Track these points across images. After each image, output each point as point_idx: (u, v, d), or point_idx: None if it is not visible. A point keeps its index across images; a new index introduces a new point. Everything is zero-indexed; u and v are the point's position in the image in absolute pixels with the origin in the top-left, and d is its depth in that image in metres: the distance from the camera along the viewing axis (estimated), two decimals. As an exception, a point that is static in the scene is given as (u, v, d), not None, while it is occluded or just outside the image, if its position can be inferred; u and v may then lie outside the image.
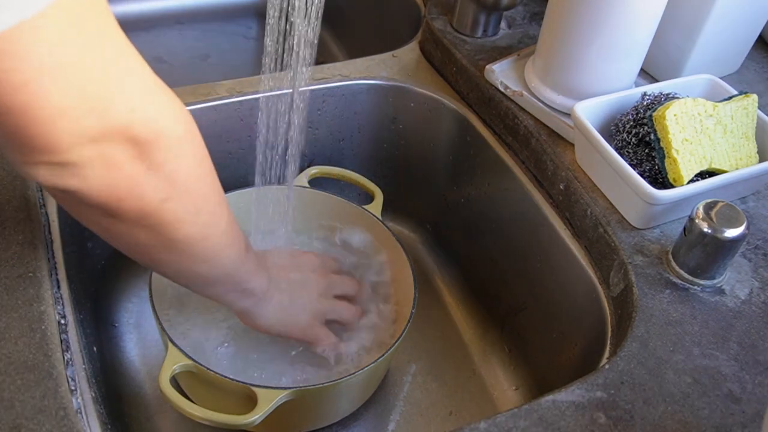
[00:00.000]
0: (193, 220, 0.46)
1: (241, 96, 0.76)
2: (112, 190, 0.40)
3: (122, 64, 0.38)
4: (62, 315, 0.54)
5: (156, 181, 0.42)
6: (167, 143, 0.41)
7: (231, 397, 0.61)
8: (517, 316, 0.77)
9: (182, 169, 0.43)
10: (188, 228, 0.46)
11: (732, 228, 0.56)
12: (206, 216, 0.48)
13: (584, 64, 0.67)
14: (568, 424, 0.49)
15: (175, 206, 0.44)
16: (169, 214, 0.44)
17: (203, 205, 0.47)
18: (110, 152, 0.38)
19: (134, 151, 0.39)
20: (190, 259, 0.49)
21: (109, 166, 0.39)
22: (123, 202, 0.41)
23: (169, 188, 0.43)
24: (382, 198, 0.79)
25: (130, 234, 0.45)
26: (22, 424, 0.45)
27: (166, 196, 0.43)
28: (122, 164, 0.39)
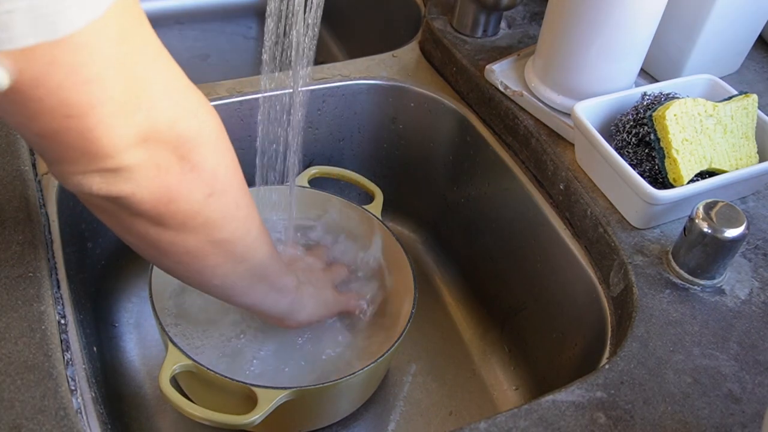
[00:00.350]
0: (234, 215, 0.47)
1: (241, 96, 0.76)
2: (164, 191, 0.41)
3: (162, 63, 0.39)
4: (62, 315, 0.54)
5: (200, 178, 0.42)
6: (207, 139, 0.42)
7: (231, 397, 0.61)
8: (517, 316, 0.77)
9: (221, 164, 0.44)
10: (232, 224, 0.47)
11: (732, 228, 0.56)
12: (245, 210, 0.48)
13: (584, 64, 0.67)
14: (568, 424, 0.49)
15: (219, 202, 0.45)
16: (215, 210, 0.45)
17: (241, 200, 0.48)
18: (159, 153, 0.39)
19: (180, 150, 0.40)
20: (233, 259, 0.50)
21: (160, 167, 0.40)
22: (172, 204, 0.42)
23: (213, 184, 0.44)
24: (382, 198, 0.79)
25: (178, 241, 0.45)
26: (22, 424, 0.45)
27: (210, 192, 0.44)
28: (171, 165, 0.40)
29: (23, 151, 0.63)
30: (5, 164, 0.61)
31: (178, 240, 0.45)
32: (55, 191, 0.63)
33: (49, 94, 0.34)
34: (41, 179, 0.64)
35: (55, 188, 0.64)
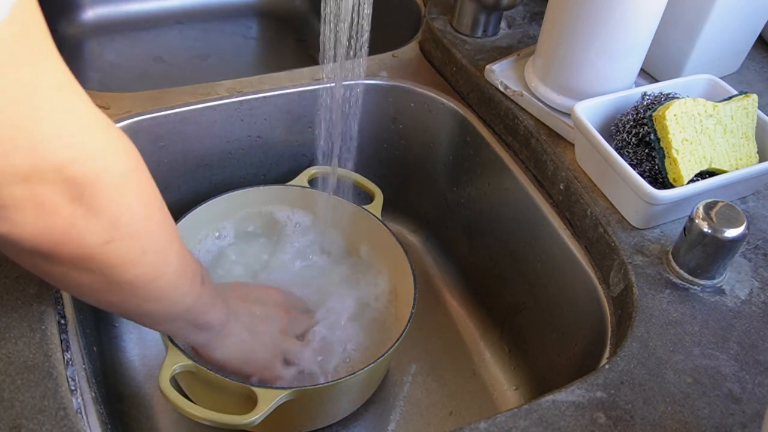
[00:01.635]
0: (139, 261, 0.43)
1: (241, 96, 0.76)
2: (47, 234, 0.37)
3: (58, 98, 0.35)
4: (62, 315, 0.54)
5: (97, 224, 0.39)
6: (108, 183, 0.38)
7: (231, 397, 0.61)
8: (517, 316, 0.77)
9: (126, 210, 0.40)
10: (135, 270, 0.43)
11: (732, 228, 0.56)
12: (154, 256, 0.44)
13: (584, 64, 0.67)
14: (568, 424, 0.49)
15: (119, 249, 0.41)
16: (113, 257, 0.41)
17: (151, 245, 0.44)
18: (44, 194, 0.35)
19: (71, 193, 0.36)
20: (138, 299, 0.46)
21: (43, 209, 0.36)
22: (60, 247, 0.38)
23: (112, 231, 0.40)
24: (382, 198, 0.79)
25: (71, 276, 0.41)
26: (22, 424, 0.45)
27: (109, 239, 0.40)
28: (58, 207, 0.36)
29: (23, 151, 0.63)
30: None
31: (71, 275, 0.41)
32: (55, 191, 0.63)
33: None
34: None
35: (55, 188, 0.64)
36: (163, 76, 1.09)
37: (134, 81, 1.05)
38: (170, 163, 0.76)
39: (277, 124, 0.79)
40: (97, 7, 1.16)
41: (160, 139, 0.74)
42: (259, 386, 0.58)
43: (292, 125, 0.80)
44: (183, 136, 0.75)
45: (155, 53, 1.13)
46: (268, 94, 0.77)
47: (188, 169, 0.78)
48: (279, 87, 0.77)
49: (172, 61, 1.12)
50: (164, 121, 0.73)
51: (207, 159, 0.78)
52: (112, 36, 1.13)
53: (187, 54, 1.14)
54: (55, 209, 0.36)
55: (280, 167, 0.83)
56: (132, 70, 1.07)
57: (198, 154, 0.77)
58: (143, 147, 0.73)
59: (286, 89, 0.78)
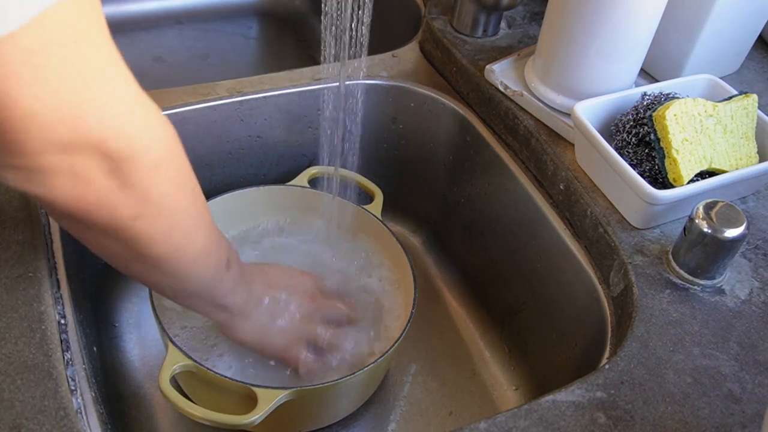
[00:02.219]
0: (165, 239, 0.45)
1: (241, 96, 0.76)
2: (80, 202, 0.39)
3: (106, 76, 0.37)
4: (62, 315, 0.54)
5: (128, 198, 0.41)
6: (143, 163, 0.40)
7: (231, 397, 0.61)
8: (517, 316, 0.77)
9: (157, 189, 0.42)
10: (160, 247, 0.45)
11: (732, 228, 0.56)
12: (180, 236, 0.47)
13: (584, 64, 0.67)
14: (568, 424, 0.49)
15: (147, 225, 0.43)
16: (140, 232, 0.43)
17: (177, 226, 0.46)
18: (80, 164, 0.37)
19: (107, 167, 0.38)
20: (161, 274, 0.49)
21: (78, 178, 0.38)
22: (91, 215, 0.41)
23: (141, 207, 0.42)
24: (382, 198, 0.79)
25: (101, 243, 0.44)
26: (22, 424, 0.45)
27: (137, 215, 0.42)
28: (92, 178, 0.38)
29: (23, 151, 0.63)
30: (5, 164, 0.61)
31: (101, 242, 0.44)
32: (55, 191, 0.63)
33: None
34: (41, 179, 0.64)
35: (55, 188, 0.64)
36: (163, 76, 1.09)
37: (134, 81, 1.05)
38: (170, 163, 0.76)
39: (277, 124, 0.79)
40: (97, 7, 1.16)
41: (160, 139, 0.74)
42: (259, 386, 0.58)
43: (292, 125, 0.80)
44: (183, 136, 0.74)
45: (155, 53, 1.13)
46: (268, 94, 0.77)
47: (188, 169, 0.78)
48: (279, 87, 0.77)
49: (172, 61, 1.12)
50: (164, 121, 0.73)
51: (207, 159, 0.78)
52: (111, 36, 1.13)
53: (187, 54, 1.14)
54: (90, 180, 0.38)
55: (280, 167, 0.83)
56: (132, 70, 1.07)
57: (198, 154, 0.77)
58: (143, 147, 0.73)
59: (286, 89, 0.78)
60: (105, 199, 0.40)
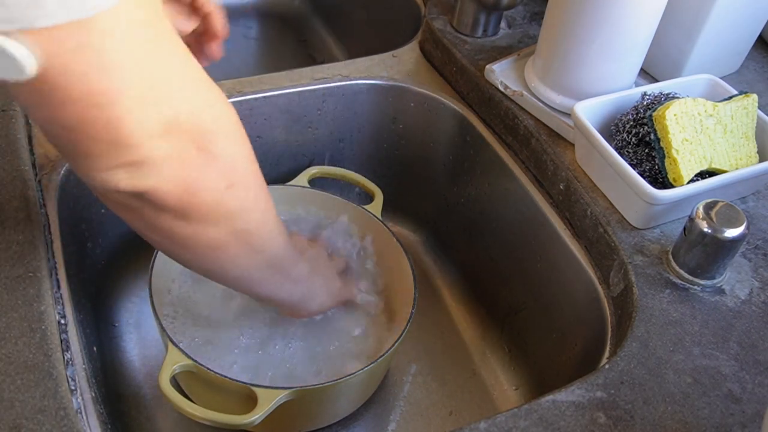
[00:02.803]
0: (252, 206, 0.48)
1: (241, 96, 0.76)
2: (187, 183, 0.41)
3: (179, 54, 0.39)
4: (62, 315, 0.54)
5: (220, 168, 0.43)
6: (225, 130, 0.43)
7: (231, 397, 0.61)
8: (517, 316, 0.77)
9: (239, 155, 0.45)
10: (251, 215, 0.48)
11: (732, 228, 0.56)
12: (263, 202, 0.49)
13: (584, 64, 0.67)
14: (568, 424, 0.49)
15: (238, 193, 0.45)
16: (234, 201, 0.45)
17: (259, 190, 0.48)
18: (181, 144, 0.40)
19: (199, 141, 0.41)
20: (252, 249, 0.50)
21: (182, 158, 0.40)
22: (195, 196, 0.42)
23: (232, 175, 0.44)
24: (382, 198, 0.79)
25: (200, 234, 0.45)
26: (22, 424, 0.45)
27: (230, 182, 0.44)
28: (191, 156, 0.40)
29: (23, 151, 0.63)
30: (5, 164, 0.61)
31: (200, 232, 0.45)
32: (55, 191, 0.63)
33: (76, 81, 0.34)
34: (41, 179, 0.64)
35: (55, 188, 0.64)
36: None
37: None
38: (170, 163, 0.76)
39: (277, 124, 0.79)
40: (97, 7, 1.16)
41: (160, 139, 0.74)
42: (259, 386, 0.58)
43: (292, 125, 0.80)
44: (183, 136, 0.75)
45: (155, 53, 1.13)
46: (268, 94, 0.77)
47: (188, 169, 0.78)
48: (279, 87, 0.77)
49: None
50: (164, 121, 0.73)
51: (207, 159, 0.78)
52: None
53: (187, 54, 1.14)
54: (191, 158, 0.41)
55: (280, 167, 0.83)
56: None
57: (198, 154, 0.77)
58: (143, 147, 0.73)
59: (286, 89, 0.78)
60: (204, 173, 0.42)
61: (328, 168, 0.81)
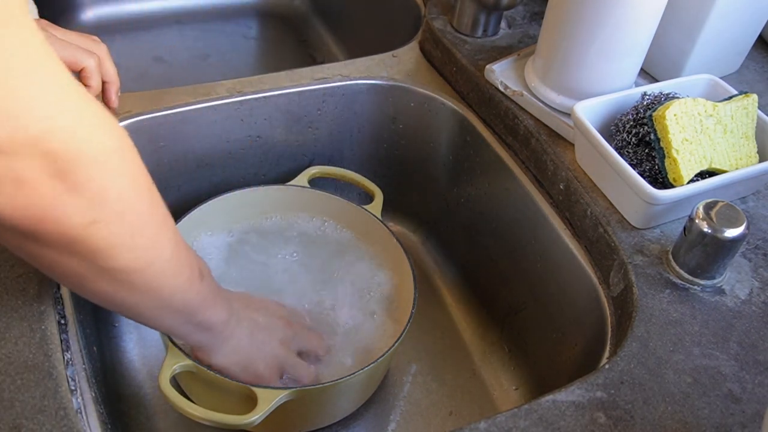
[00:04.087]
0: (128, 244, 0.41)
1: (241, 96, 0.76)
2: (28, 211, 0.36)
3: (38, 72, 0.34)
4: (62, 315, 0.54)
5: (79, 202, 0.37)
6: (91, 159, 0.37)
7: (231, 397, 0.61)
8: (517, 316, 0.77)
9: (111, 188, 0.39)
10: (124, 254, 0.41)
11: (732, 228, 0.56)
12: (144, 240, 0.42)
13: (584, 64, 0.67)
14: (568, 424, 0.49)
15: (105, 230, 0.39)
16: (99, 239, 0.39)
17: (140, 228, 0.42)
18: (22, 168, 0.34)
19: (52, 168, 0.35)
20: (129, 289, 0.44)
21: (22, 183, 0.35)
22: (42, 225, 0.37)
23: (96, 210, 0.38)
24: (382, 198, 0.79)
25: (59, 262, 0.40)
26: (22, 424, 0.45)
27: (93, 219, 0.38)
28: (37, 183, 0.35)
29: (23, 151, 0.63)
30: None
31: (59, 260, 0.40)
32: (55, 191, 0.63)
33: None
34: (41, 179, 0.64)
35: (55, 188, 0.64)
36: (163, 76, 1.09)
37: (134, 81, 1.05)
38: (170, 163, 0.76)
39: (277, 124, 0.79)
40: (97, 7, 1.16)
41: (160, 139, 0.74)
42: (259, 386, 0.58)
43: (292, 125, 0.80)
44: (183, 136, 0.75)
45: (155, 53, 1.13)
46: (268, 94, 0.77)
47: (188, 169, 0.78)
48: (279, 87, 0.78)
49: (172, 61, 1.12)
50: (164, 121, 0.73)
51: (207, 159, 0.78)
52: (112, 36, 1.13)
53: (187, 54, 1.14)
54: (35, 185, 0.35)
55: (280, 167, 0.83)
56: (132, 70, 1.07)
57: (198, 154, 0.77)
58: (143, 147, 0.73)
59: (286, 89, 0.78)
60: (54, 205, 0.36)
61: (328, 168, 0.81)
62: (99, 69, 0.64)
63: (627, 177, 0.61)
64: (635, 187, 0.60)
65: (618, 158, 0.61)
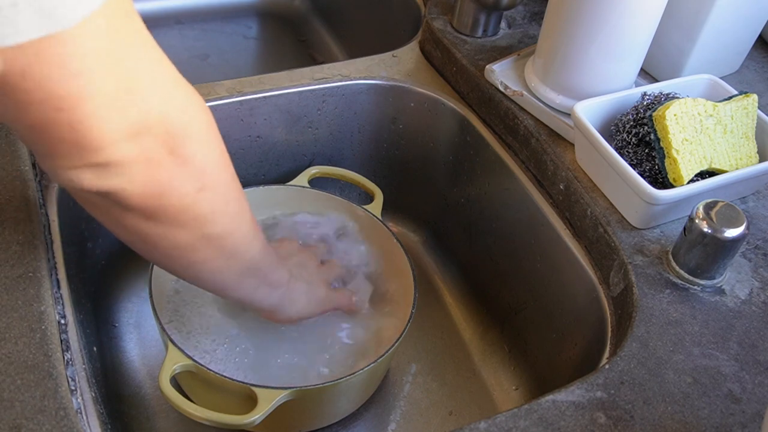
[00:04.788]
0: (224, 210, 0.47)
1: (241, 96, 0.76)
2: (155, 186, 0.41)
3: (152, 57, 0.39)
4: (62, 315, 0.54)
5: (190, 172, 0.42)
6: (197, 133, 0.42)
7: (231, 397, 0.61)
8: (517, 316, 0.77)
9: (210, 158, 0.44)
10: (221, 219, 0.47)
11: (732, 228, 0.56)
12: (235, 206, 0.49)
13: (584, 64, 0.67)
14: (568, 424, 0.49)
15: (209, 196, 0.45)
16: (205, 205, 0.45)
17: (231, 195, 0.48)
18: (150, 147, 0.39)
19: (169, 144, 0.40)
20: (223, 254, 0.50)
21: (150, 161, 0.40)
22: (163, 199, 0.42)
23: (202, 178, 0.44)
24: (382, 198, 0.79)
25: (169, 236, 0.45)
26: (22, 424, 0.45)
27: (201, 186, 0.44)
28: (161, 159, 0.40)
29: (23, 151, 0.63)
30: (5, 164, 0.61)
31: (169, 234, 0.45)
32: (55, 191, 0.63)
33: (37, 86, 0.34)
34: (41, 179, 0.64)
35: (55, 188, 0.64)
36: (163, 76, 1.09)
37: (134, 81, 1.05)
38: (170, 163, 0.76)
39: (277, 124, 0.79)
40: (97, 7, 1.16)
41: (160, 139, 0.74)
42: (259, 386, 0.58)
43: (292, 125, 0.80)
44: (183, 136, 0.75)
45: (155, 53, 1.13)
46: (268, 94, 0.77)
47: (188, 169, 0.78)
48: (279, 87, 0.78)
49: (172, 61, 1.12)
50: (164, 121, 0.73)
51: (207, 159, 0.78)
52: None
53: (187, 54, 1.14)
54: (160, 161, 0.40)
55: (280, 167, 0.83)
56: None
57: (198, 154, 0.77)
58: (143, 147, 0.73)
59: (286, 89, 0.78)
60: (173, 176, 0.41)
61: (328, 168, 0.81)
62: None
63: (627, 177, 0.61)
64: (635, 187, 0.60)
65: (618, 158, 0.61)
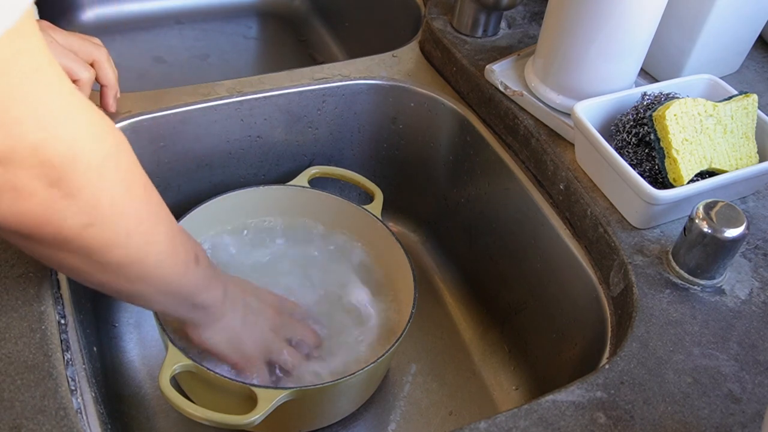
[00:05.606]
0: (123, 243, 0.43)
1: (241, 96, 0.76)
2: (25, 218, 0.37)
3: (36, 81, 0.34)
4: (62, 315, 0.54)
5: (75, 207, 0.38)
6: (86, 166, 0.38)
7: (231, 397, 0.61)
8: (517, 316, 0.77)
9: (106, 192, 0.40)
10: (119, 251, 0.43)
11: (732, 228, 0.56)
12: (139, 237, 0.44)
13: (584, 64, 0.67)
14: (568, 424, 0.49)
15: (101, 232, 0.41)
16: (95, 240, 0.41)
17: (135, 227, 0.44)
18: (20, 177, 0.35)
19: (49, 177, 0.36)
20: (126, 280, 0.46)
21: (19, 192, 0.36)
22: (39, 229, 0.38)
23: (92, 213, 0.40)
24: (382, 198, 0.79)
25: (57, 257, 0.42)
26: (22, 424, 0.45)
27: (89, 222, 0.40)
28: (34, 191, 0.36)
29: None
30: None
31: (56, 256, 0.42)
32: (55, 191, 0.63)
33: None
34: (41, 179, 0.64)
35: (55, 188, 0.64)
36: (163, 76, 1.09)
37: (134, 81, 1.05)
38: (170, 163, 0.76)
39: (277, 124, 0.79)
40: (97, 7, 1.16)
41: (160, 139, 0.74)
42: (259, 386, 0.58)
43: (292, 125, 0.80)
44: (183, 136, 0.75)
45: (155, 53, 1.13)
46: (268, 94, 0.77)
47: (188, 169, 0.78)
48: (279, 87, 0.78)
49: (172, 61, 1.12)
50: (164, 121, 0.73)
51: (207, 159, 0.78)
52: (112, 36, 1.13)
53: (187, 54, 1.14)
54: (32, 193, 0.36)
55: (280, 167, 0.83)
56: (132, 70, 1.07)
57: (198, 154, 0.77)
58: (143, 147, 0.73)
59: (286, 89, 0.78)
60: (50, 211, 0.38)
61: (328, 168, 0.81)
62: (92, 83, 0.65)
63: (627, 177, 0.61)
64: (635, 187, 0.60)
65: (618, 158, 0.61)
